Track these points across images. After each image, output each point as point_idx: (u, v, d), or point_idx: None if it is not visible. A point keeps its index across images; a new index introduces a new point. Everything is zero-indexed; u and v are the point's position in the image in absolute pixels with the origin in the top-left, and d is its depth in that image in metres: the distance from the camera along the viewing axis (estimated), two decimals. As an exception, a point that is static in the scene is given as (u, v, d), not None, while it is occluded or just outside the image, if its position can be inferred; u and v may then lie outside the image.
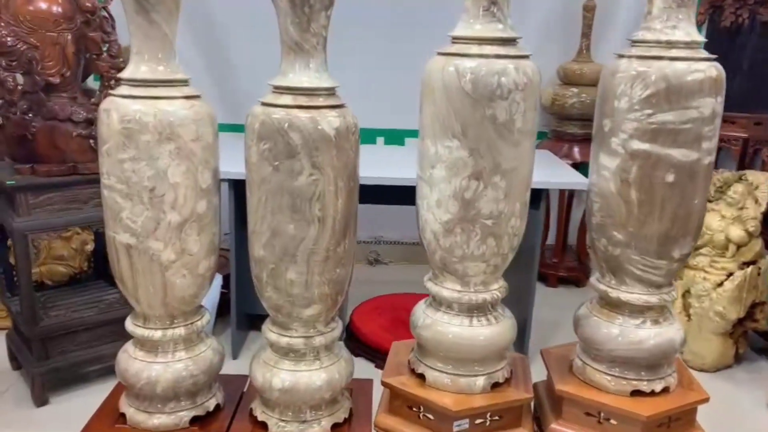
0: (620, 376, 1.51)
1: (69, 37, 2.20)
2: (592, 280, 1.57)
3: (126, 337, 1.55)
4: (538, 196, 2.54)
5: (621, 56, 1.42)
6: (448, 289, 1.46)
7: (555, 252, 3.75)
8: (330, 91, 1.38)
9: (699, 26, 3.53)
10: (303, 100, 1.34)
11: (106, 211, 1.42)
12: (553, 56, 3.55)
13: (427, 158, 1.39)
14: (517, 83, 1.31)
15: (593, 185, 1.48)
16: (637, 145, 1.37)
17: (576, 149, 3.49)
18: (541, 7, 3.51)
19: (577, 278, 3.74)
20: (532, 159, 1.41)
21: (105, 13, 2.30)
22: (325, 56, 1.39)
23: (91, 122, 2.25)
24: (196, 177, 1.40)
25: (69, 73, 2.24)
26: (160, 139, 1.34)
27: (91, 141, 2.25)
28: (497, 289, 1.49)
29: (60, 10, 2.18)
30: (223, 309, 2.99)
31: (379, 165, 2.88)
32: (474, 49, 1.32)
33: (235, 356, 2.85)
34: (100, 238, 2.73)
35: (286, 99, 1.35)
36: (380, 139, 3.74)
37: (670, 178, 1.37)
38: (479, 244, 1.39)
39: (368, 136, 3.61)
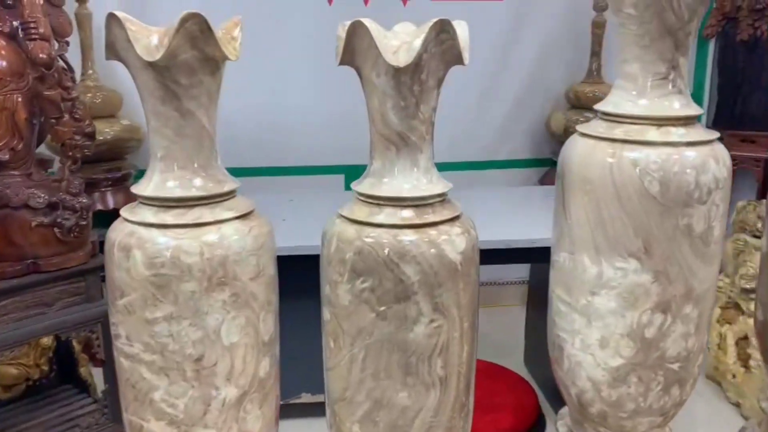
0: None
1: (19, 99, 1.70)
2: (763, 403, 1.23)
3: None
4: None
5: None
6: (606, 450, 1.09)
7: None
8: (443, 197, 0.98)
9: (709, 39, 3.29)
10: (411, 216, 0.94)
11: (123, 387, 0.97)
12: (559, 78, 3.23)
13: (584, 281, 1.00)
14: (717, 179, 0.95)
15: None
16: None
17: (590, 179, 3.17)
18: (545, 23, 3.18)
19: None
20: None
21: (62, 63, 1.81)
22: (433, 148, 0.99)
23: (54, 206, 1.76)
24: (258, 329, 0.97)
25: (21, 146, 1.73)
26: (209, 286, 0.91)
27: (56, 230, 1.76)
28: (667, 441, 1.13)
29: (4, 64, 1.68)
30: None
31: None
32: (652, 133, 0.94)
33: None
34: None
35: (389, 215, 0.94)
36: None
37: None
38: (660, 395, 1.02)
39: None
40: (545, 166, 3.32)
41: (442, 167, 0.97)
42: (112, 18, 0.86)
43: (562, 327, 1.06)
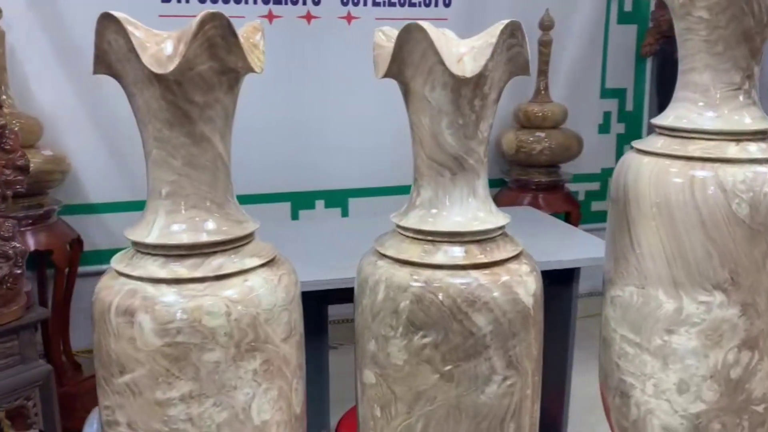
0: None
1: (-65, 128, 1.44)
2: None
3: None
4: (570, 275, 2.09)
5: None
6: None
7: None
8: (503, 230, 0.84)
9: (645, 57, 3.35)
10: (476, 253, 0.79)
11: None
12: (506, 97, 3.17)
13: (657, 319, 0.88)
14: (805, 198, 0.86)
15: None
16: None
17: (541, 199, 3.14)
18: (489, 43, 3.12)
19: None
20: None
21: (-15, 86, 1.56)
22: (487, 172, 0.85)
23: (-18, 254, 1.49)
24: (291, 400, 0.79)
25: (-62, 184, 1.47)
26: (238, 353, 0.72)
27: (-14, 283, 1.50)
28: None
29: None
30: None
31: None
32: (732, 149, 0.85)
33: None
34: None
35: (448, 253, 0.79)
36: (319, 203, 3.13)
37: None
38: (744, 443, 0.91)
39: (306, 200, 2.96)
40: (496, 187, 3.25)
41: (385, 191, 0.85)
42: (106, 20, 0.67)
43: (628, 371, 0.93)
